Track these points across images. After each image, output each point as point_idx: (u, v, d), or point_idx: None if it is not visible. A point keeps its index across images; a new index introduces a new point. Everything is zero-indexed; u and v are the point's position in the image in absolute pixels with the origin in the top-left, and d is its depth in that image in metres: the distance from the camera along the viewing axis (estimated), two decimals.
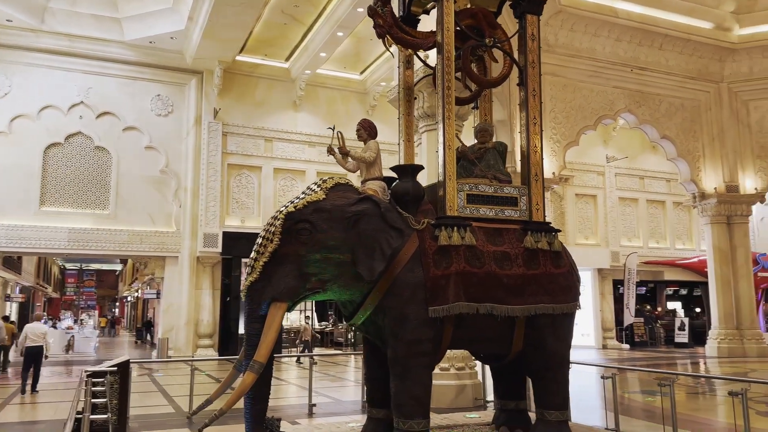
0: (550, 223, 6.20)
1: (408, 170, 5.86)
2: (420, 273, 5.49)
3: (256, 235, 5.48)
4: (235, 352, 19.18)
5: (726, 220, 20.53)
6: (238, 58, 19.96)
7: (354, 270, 5.35)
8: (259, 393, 5.20)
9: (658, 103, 20.12)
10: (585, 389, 10.73)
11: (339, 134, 6.04)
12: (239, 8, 16.22)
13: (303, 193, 5.63)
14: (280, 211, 5.42)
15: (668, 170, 26.86)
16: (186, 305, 19.34)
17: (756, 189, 20.42)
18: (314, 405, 9.23)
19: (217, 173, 19.80)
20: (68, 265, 51.90)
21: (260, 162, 20.69)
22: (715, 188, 20.43)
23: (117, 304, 60.17)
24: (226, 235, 19.53)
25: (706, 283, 27.75)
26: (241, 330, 19.80)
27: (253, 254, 5.37)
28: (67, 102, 18.95)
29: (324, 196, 5.46)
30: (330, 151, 6.17)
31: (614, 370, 8.27)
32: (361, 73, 21.64)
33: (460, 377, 9.81)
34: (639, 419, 8.46)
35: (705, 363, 18.35)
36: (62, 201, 18.70)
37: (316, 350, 20.63)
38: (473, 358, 10.29)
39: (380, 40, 6.38)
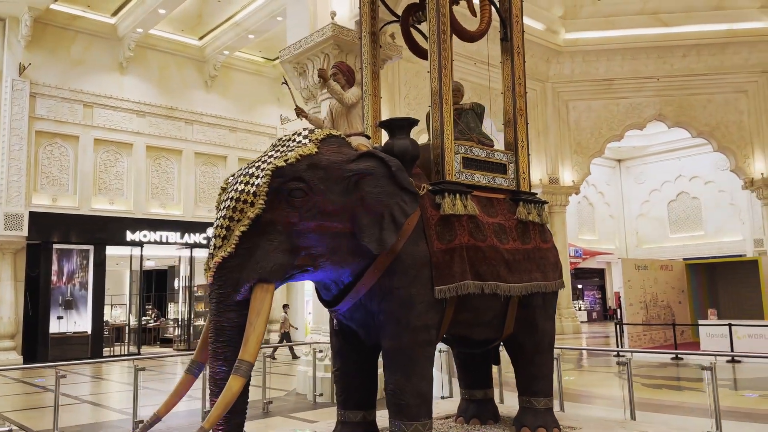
0: (537, 193, 5.70)
1: (404, 124, 4.88)
2: (425, 247, 4.62)
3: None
4: (44, 357, 16.12)
5: (548, 209, 22.30)
6: (52, 6, 16.70)
7: (351, 243, 4.30)
8: (237, 404, 3.97)
9: (494, 97, 21.14)
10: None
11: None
12: None
13: (280, 145, 4.38)
14: (259, 167, 4.15)
15: None
16: None
17: (573, 181, 22.49)
18: (207, 411, 7.71)
19: (23, 141, 16.38)
20: None
21: (77, 131, 17.60)
22: (540, 180, 22.07)
23: None
24: (33, 215, 16.19)
25: None
26: (55, 329, 16.84)
27: (221, 221, 4.06)
28: None
29: (316, 150, 4.30)
30: (300, 112, 4.99)
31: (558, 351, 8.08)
32: (201, 38, 19.50)
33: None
34: (578, 402, 8.40)
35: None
36: None
37: (145, 350, 18.24)
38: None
39: None
